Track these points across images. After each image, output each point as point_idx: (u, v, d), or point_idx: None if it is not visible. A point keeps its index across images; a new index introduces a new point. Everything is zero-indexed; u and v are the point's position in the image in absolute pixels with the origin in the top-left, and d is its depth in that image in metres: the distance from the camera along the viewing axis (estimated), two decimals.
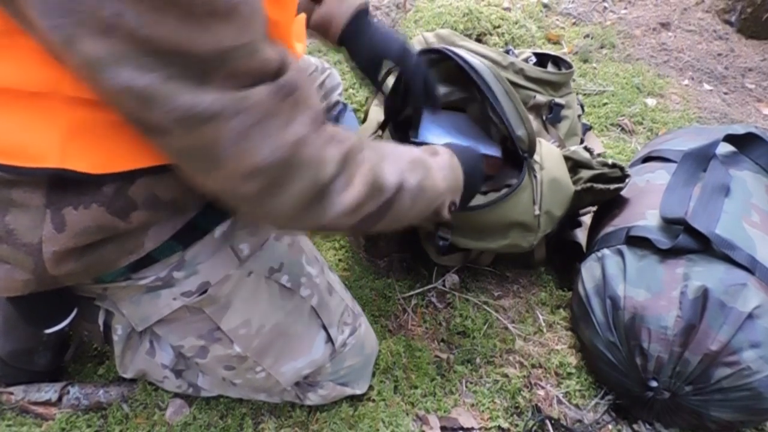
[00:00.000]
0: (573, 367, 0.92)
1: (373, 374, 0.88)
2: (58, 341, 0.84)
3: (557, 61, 1.24)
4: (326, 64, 1.14)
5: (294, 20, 0.58)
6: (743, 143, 0.94)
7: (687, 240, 0.78)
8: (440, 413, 0.86)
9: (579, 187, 0.96)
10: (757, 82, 1.79)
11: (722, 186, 0.85)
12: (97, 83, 0.39)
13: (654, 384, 0.78)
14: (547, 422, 0.84)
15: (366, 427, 0.82)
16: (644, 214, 0.87)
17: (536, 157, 0.91)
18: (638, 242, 0.83)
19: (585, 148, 1.03)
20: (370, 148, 0.55)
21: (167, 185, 0.55)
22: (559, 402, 0.88)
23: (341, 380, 0.80)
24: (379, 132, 0.93)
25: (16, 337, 0.81)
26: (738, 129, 0.96)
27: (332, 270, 0.84)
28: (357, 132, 0.56)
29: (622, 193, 0.96)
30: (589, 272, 0.89)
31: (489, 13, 1.76)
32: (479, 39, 1.72)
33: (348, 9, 0.82)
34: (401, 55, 0.82)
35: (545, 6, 2.05)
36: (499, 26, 1.75)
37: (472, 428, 0.84)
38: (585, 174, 0.99)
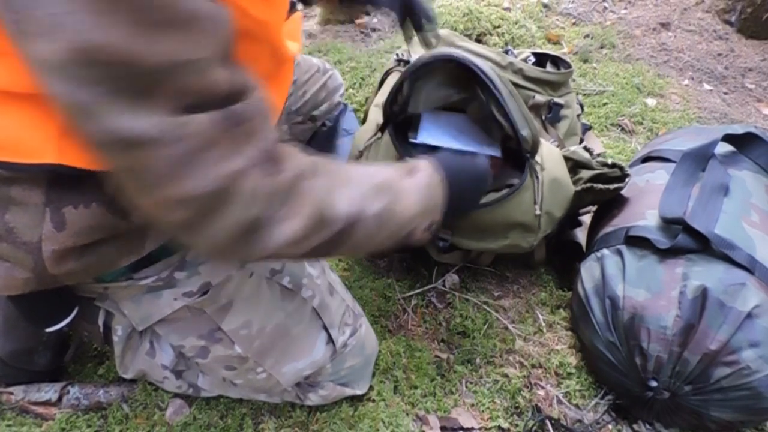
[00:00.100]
0: (573, 367, 0.92)
1: (373, 374, 0.88)
2: (58, 341, 0.84)
3: (556, 61, 1.24)
4: (328, 65, 1.14)
5: (284, 19, 0.56)
6: (742, 143, 0.94)
7: (686, 240, 0.78)
8: (440, 413, 0.86)
9: (579, 188, 0.96)
10: (757, 82, 1.79)
11: (721, 186, 0.85)
12: (40, 84, 0.38)
13: (654, 384, 0.78)
14: (547, 422, 0.84)
15: (366, 427, 0.82)
16: (644, 214, 0.87)
17: (537, 158, 0.91)
18: (637, 242, 0.83)
19: (585, 148, 1.03)
20: (325, 176, 0.52)
21: None
22: (559, 402, 0.88)
23: (342, 381, 0.81)
24: (379, 134, 0.94)
25: (16, 337, 0.81)
26: (737, 129, 0.96)
27: (333, 270, 0.84)
28: (312, 155, 0.53)
29: (622, 193, 0.96)
30: (589, 272, 0.89)
31: (489, 13, 1.76)
32: (479, 39, 1.73)
33: None
34: None
35: (545, 6, 2.05)
36: (499, 26, 1.76)
37: (472, 428, 0.84)
38: (585, 174, 0.99)
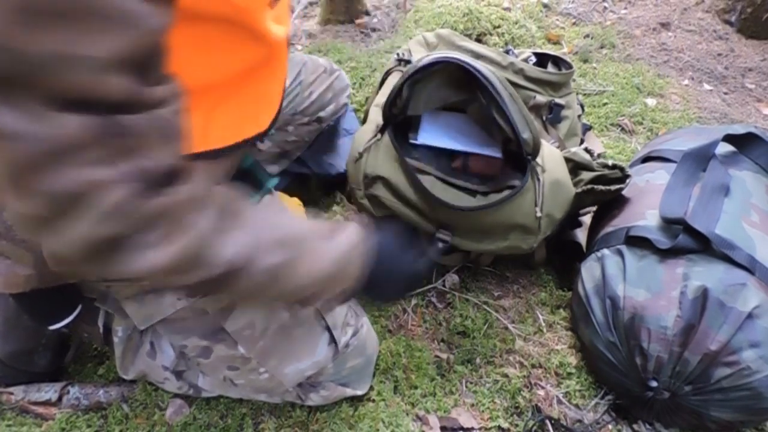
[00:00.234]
0: (573, 367, 0.92)
1: (373, 374, 0.88)
2: (58, 342, 0.84)
3: (557, 61, 1.24)
4: (335, 66, 1.13)
5: (268, 4, 0.54)
6: (743, 143, 0.94)
7: (687, 240, 0.78)
8: (440, 413, 0.86)
9: (580, 189, 0.96)
10: (757, 82, 1.79)
11: (722, 186, 0.85)
12: None
13: (654, 384, 0.78)
14: (547, 422, 0.84)
15: (366, 427, 0.82)
16: (644, 214, 0.87)
17: (538, 159, 0.91)
18: (638, 242, 0.83)
19: (585, 149, 1.03)
20: (222, 215, 0.48)
21: None
22: (559, 402, 0.89)
23: (342, 381, 0.81)
24: (378, 135, 0.94)
25: (16, 338, 0.81)
26: (738, 129, 0.96)
27: None
28: (216, 191, 0.49)
29: (622, 193, 0.96)
30: (589, 272, 0.89)
31: (489, 13, 1.76)
32: (479, 39, 1.72)
33: None
34: None
35: (545, 6, 2.05)
36: (499, 26, 1.75)
37: (472, 428, 0.84)
38: (586, 176, 0.99)
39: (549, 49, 1.68)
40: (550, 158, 0.95)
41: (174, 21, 0.41)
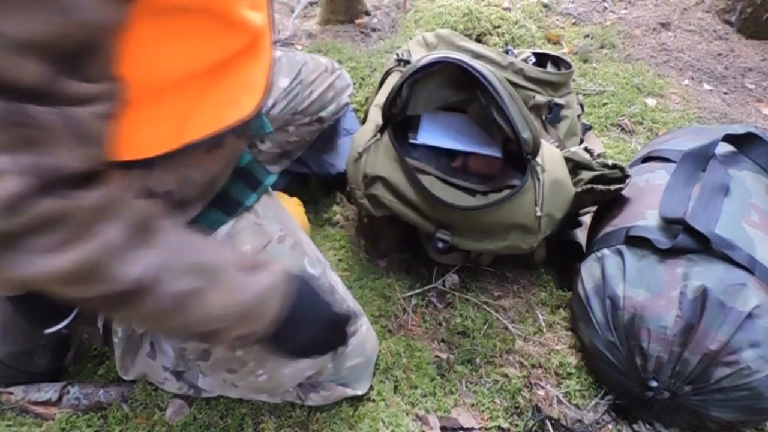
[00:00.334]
0: (573, 367, 0.92)
1: (373, 374, 0.88)
2: (58, 342, 0.84)
3: (557, 61, 1.24)
4: (336, 65, 1.11)
5: None
6: (743, 143, 0.94)
7: (686, 240, 0.78)
8: (440, 413, 0.86)
9: (580, 189, 0.96)
10: (757, 82, 1.79)
11: (722, 186, 0.85)
12: None
13: (654, 384, 0.78)
14: (547, 422, 0.84)
15: (366, 427, 0.82)
16: (644, 214, 0.87)
17: (538, 159, 0.91)
18: (638, 242, 0.83)
19: (585, 149, 1.03)
20: (136, 230, 0.45)
21: (159, 178, 0.54)
22: (559, 402, 0.88)
23: (342, 381, 0.81)
24: (378, 135, 0.94)
25: (15, 339, 0.81)
26: (738, 129, 0.96)
27: (334, 271, 0.84)
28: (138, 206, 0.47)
29: (622, 193, 0.96)
30: (589, 272, 0.89)
31: (489, 13, 1.76)
32: (479, 39, 1.72)
33: None
34: None
35: (545, 6, 2.05)
36: (499, 26, 1.75)
37: (472, 428, 0.84)
38: (585, 175, 0.99)
39: (549, 49, 1.68)
40: (550, 158, 0.95)
41: (129, 20, 0.39)
